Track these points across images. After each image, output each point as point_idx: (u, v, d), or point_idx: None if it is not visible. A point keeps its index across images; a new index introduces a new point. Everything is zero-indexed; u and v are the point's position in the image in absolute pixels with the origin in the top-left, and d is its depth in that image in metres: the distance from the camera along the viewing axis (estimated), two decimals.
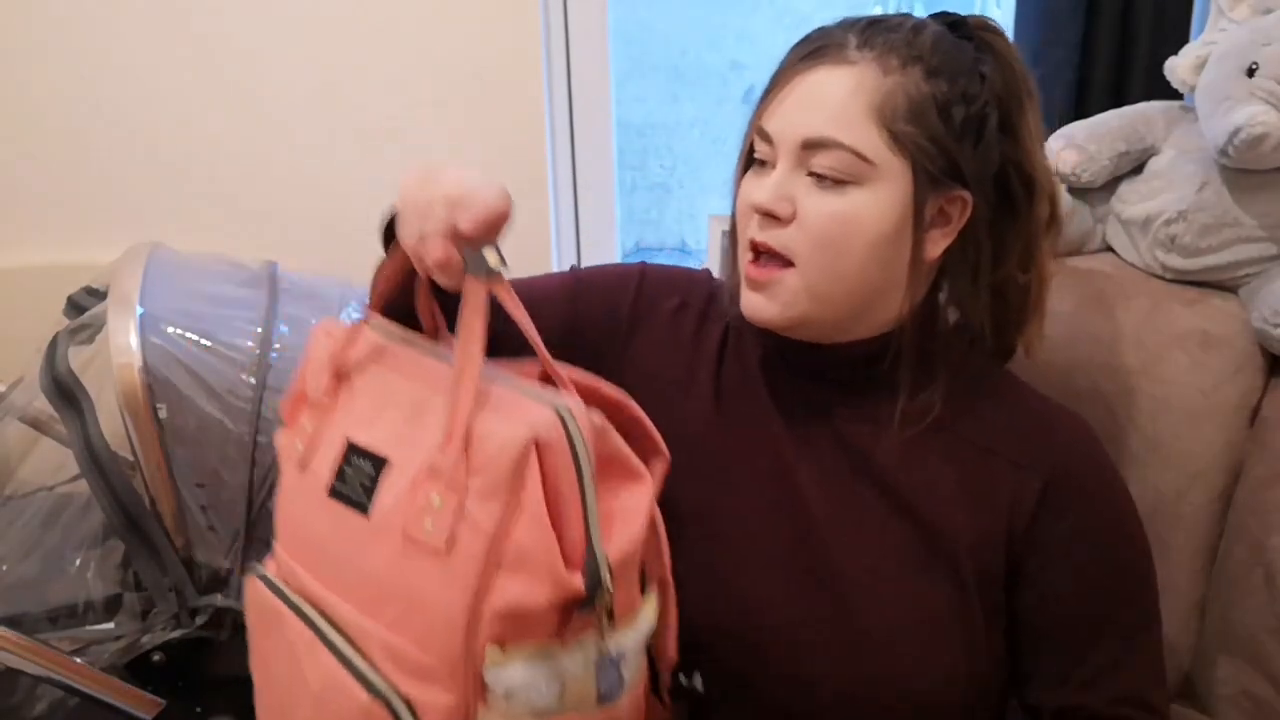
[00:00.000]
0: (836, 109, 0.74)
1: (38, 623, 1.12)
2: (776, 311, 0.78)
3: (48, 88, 1.50)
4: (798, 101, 0.76)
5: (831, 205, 0.75)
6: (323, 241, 1.56)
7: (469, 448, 0.65)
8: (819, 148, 0.74)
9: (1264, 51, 0.97)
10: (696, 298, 0.92)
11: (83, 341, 1.19)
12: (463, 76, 1.51)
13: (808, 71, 0.76)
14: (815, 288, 0.77)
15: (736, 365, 0.89)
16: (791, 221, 0.76)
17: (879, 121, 0.74)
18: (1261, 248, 1.02)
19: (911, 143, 0.74)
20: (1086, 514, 0.80)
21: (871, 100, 0.74)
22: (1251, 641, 0.96)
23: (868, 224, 0.75)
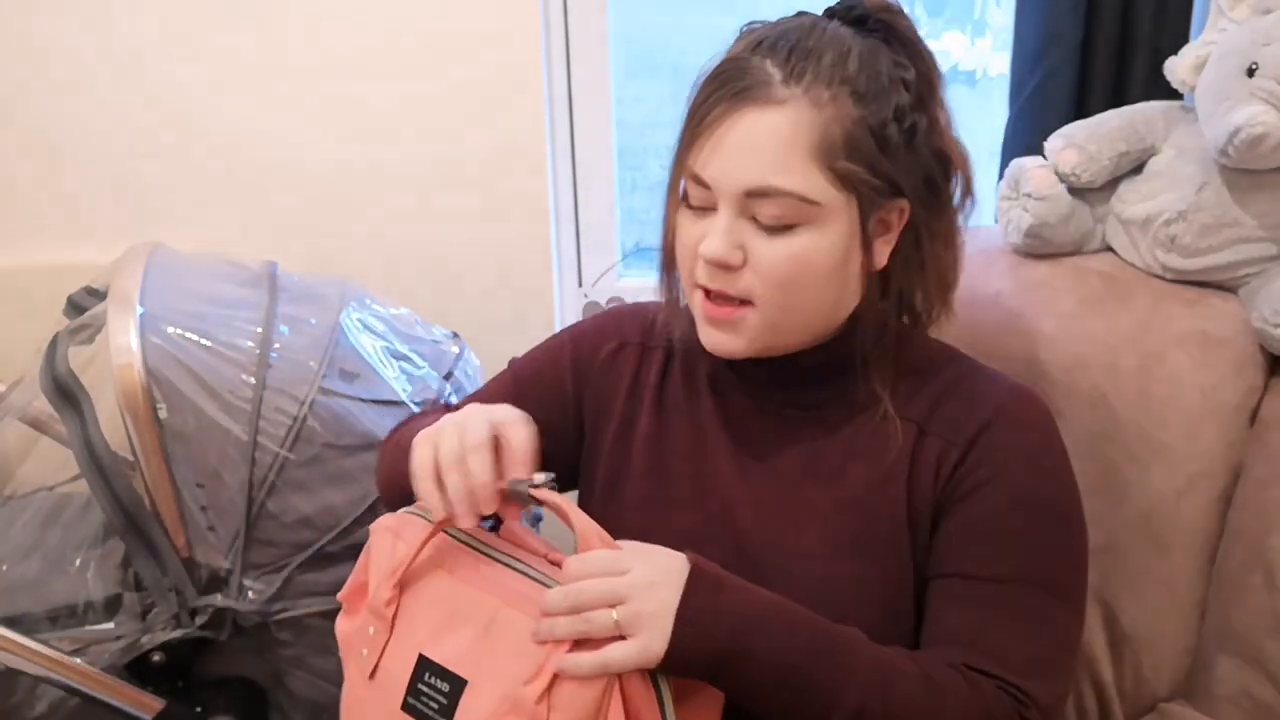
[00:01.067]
0: (776, 156, 0.73)
1: (38, 623, 1.12)
2: (742, 346, 0.80)
3: (48, 88, 1.50)
4: (733, 149, 0.74)
5: (783, 249, 0.75)
6: (323, 241, 1.56)
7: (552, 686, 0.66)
8: (763, 196, 0.74)
9: (1264, 51, 0.97)
10: (631, 333, 0.94)
11: (83, 341, 1.19)
12: (463, 77, 1.51)
13: (736, 114, 0.74)
14: (775, 322, 0.79)
15: (682, 386, 0.91)
16: (743, 267, 0.76)
17: (820, 163, 0.73)
18: (1261, 248, 1.02)
19: (853, 177, 0.74)
20: (998, 462, 0.79)
21: (810, 142, 0.73)
22: (1251, 641, 0.96)
23: (820, 260, 0.76)
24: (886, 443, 0.82)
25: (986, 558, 0.78)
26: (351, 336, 1.23)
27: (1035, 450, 0.81)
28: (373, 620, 0.78)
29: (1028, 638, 0.76)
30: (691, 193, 0.78)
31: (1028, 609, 0.77)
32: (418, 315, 1.40)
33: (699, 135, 0.76)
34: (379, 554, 0.80)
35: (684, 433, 0.90)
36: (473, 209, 1.57)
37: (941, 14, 1.67)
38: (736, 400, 0.89)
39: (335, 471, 1.14)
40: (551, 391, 0.94)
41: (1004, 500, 0.79)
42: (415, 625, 0.76)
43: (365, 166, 1.55)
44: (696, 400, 0.91)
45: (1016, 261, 1.17)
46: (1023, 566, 0.78)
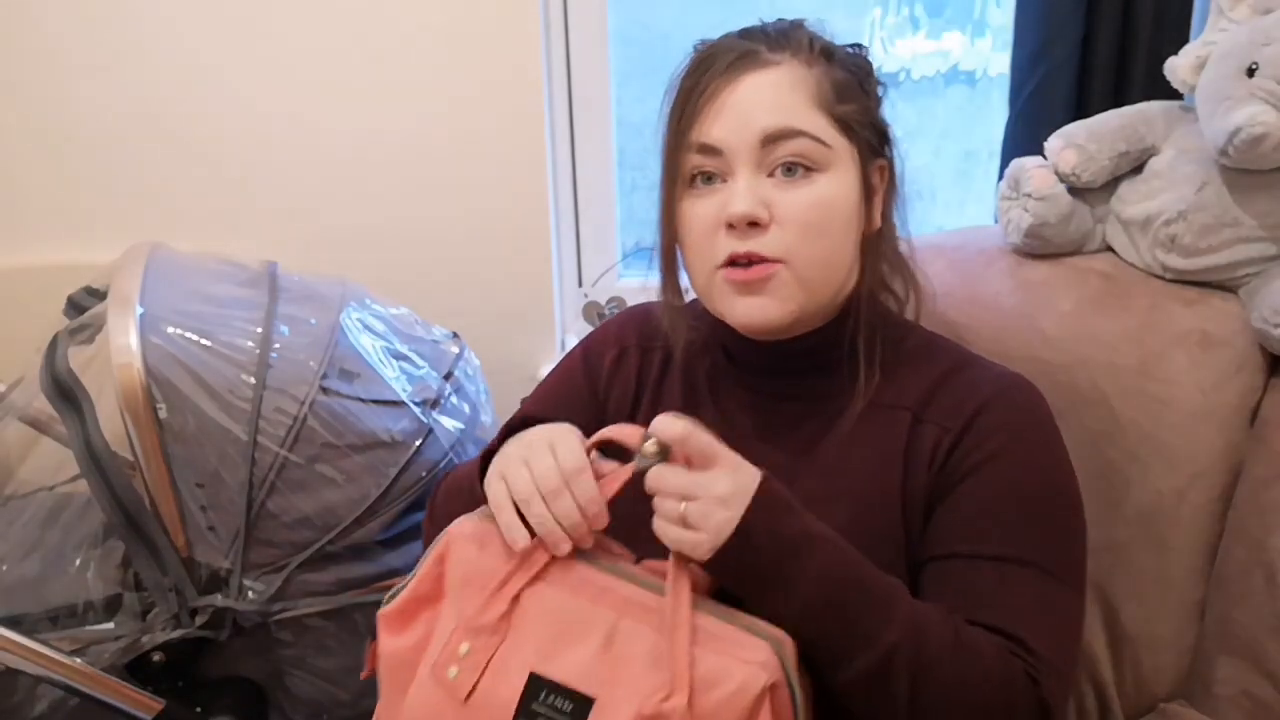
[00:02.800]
0: (785, 103, 0.78)
1: (38, 623, 1.12)
2: (776, 309, 0.80)
3: (48, 88, 1.50)
4: (741, 106, 0.78)
5: (806, 196, 0.78)
6: (323, 241, 1.56)
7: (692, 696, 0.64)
8: (780, 139, 0.77)
9: (1264, 51, 0.97)
10: (630, 338, 0.96)
11: (83, 341, 1.19)
12: (463, 77, 1.51)
13: (735, 80, 0.78)
14: (807, 278, 0.79)
15: (680, 384, 0.92)
16: (771, 225, 0.77)
17: (821, 109, 0.78)
18: (1261, 248, 1.02)
19: (853, 120, 0.80)
20: (992, 446, 0.79)
21: (809, 91, 0.78)
22: (1251, 641, 0.96)
23: (840, 205, 0.79)
24: (882, 431, 0.83)
25: (984, 538, 0.78)
26: (351, 336, 1.23)
27: (1029, 432, 0.82)
28: (468, 637, 0.72)
29: (1031, 615, 0.76)
30: (699, 164, 0.80)
31: (1027, 589, 0.77)
32: (418, 315, 1.40)
33: (699, 110, 0.79)
34: (461, 562, 0.75)
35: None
36: (473, 209, 1.57)
37: (941, 14, 1.67)
38: (735, 395, 0.89)
39: (335, 471, 1.14)
40: (574, 407, 0.94)
41: (1000, 482, 0.79)
42: (522, 642, 0.71)
43: (366, 166, 1.55)
44: (694, 396, 0.91)
45: (1016, 261, 1.17)
46: (1020, 547, 0.78)
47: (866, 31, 1.67)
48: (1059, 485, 0.82)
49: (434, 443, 1.21)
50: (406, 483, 1.18)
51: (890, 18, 1.67)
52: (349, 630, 1.20)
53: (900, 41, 1.68)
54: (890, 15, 1.66)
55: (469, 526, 0.77)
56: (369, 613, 1.20)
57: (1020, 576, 0.77)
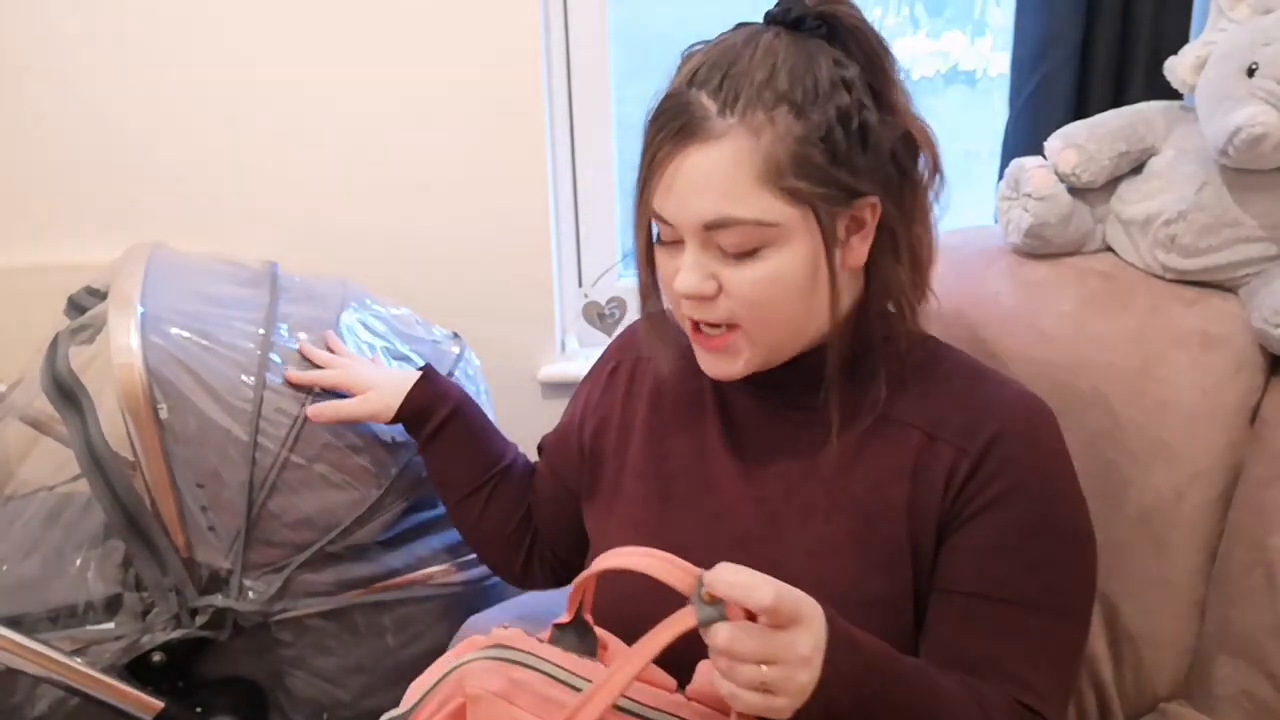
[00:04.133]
0: (724, 188, 0.74)
1: (38, 623, 1.12)
2: (739, 368, 0.82)
3: (48, 88, 1.50)
4: (684, 187, 0.75)
5: (752, 274, 0.76)
6: (323, 241, 1.56)
7: None
8: (720, 227, 0.75)
9: (1264, 51, 0.97)
10: (626, 350, 0.99)
11: (83, 341, 1.19)
12: (463, 77, 1.51)
13: (681, 153, 0.75)
14: (763, 339, 0.80)
15: (681, 391, 0.93)
16: (719, 296, 0.78)
17: (769, 186, 0.73)
18: (1261, 248, 1.02)
19: (806, 193, 0.74)
20: (1012, 480, 0.79)
21: (754, 169, 0.73)
22: (1251, 641, 0.96)
23: (790, 277, 0.77)
24: (890, 447, 0.82)
25: (1001, 579, 0.79)
26: (352, 337, 1.23)
27: (1048, 469, 0.81)
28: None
29: (1049, 667, 0.78)
30: (660, 228, 0.80)
31: (1045, 634, 0.79)
32: (418, 315, 1.40)
33: (653, 176, 0.77)
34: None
35: (683, 436, 0.90)
36: (473, 209, 1.57)
37: (941, 14, 1.67)
38: (739, 402, 0.89)
39: (336, 472, 1.14)
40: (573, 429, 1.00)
41: (1018, 522, 0.79)
42: None
43: (366, 166, 1.55)
44: (698, 402, 0.91)
45: (1016, 261, 1.17)
46: (1037, 589, 0.79)
47: None
48: (1075, 524, 0.82)
49: None
50: (407, 483, 1.18)
51: (890, 18, 1.67)
52: (349, 630, 1.20)
53: (900, 41, 1.68)
54: (890, 15, 1.66)
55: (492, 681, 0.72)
56: (369, 613, 1.21)
57: (1034, 622, 0.79)
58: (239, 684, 1.21)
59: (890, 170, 0.78)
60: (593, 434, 0.98)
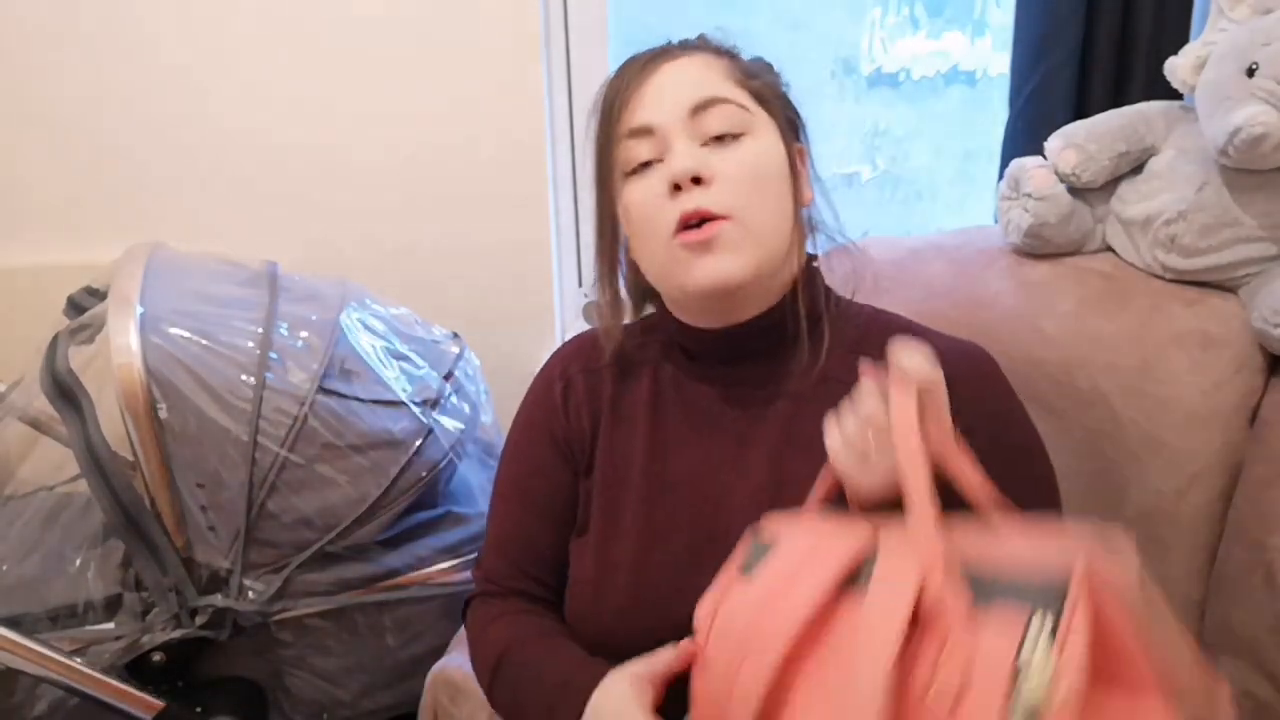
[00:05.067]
0: (704, 79, 0.84)
1: (38, 623, 1.12)
2: (735, 265, 0.81)
3: (48, 88, 1.50)
4: (664, 87, 0.83)
5: (739, 155, 0.82)
6: (323, 241, 1.56)
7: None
8: (706, 107, 0.82)
9: (1264, 51, 0.97)
10: (572, 367, 0.96)
11: (83, 341, 1.19)
12: (463, 77, 1.51)
13: (654, 70, 0.84)
14: (755, 230, 0.81)
15: (645, 391, 0.92)
16: (712, 182, 0.81)
17: (738, 82, 0.84)
18: (1261, 248, 1.02)
19: (768, 93, 0.85)
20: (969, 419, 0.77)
21: (724, 71, 0.85)
22: (1251, 641, 0.96)
23: (770, 163, 0.83)
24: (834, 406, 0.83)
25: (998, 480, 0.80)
26: (351, 336, 1.23)
27: (1001, 399, 0.85)
28: None
29: None
30: (636, 151, 0.83)
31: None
32: (417, 315, 1.40)
33: (627, 100, 0.84)
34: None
35: (660, 435, 0.90)
36: (473, 209, 1.57)
37: (941, 14, 1.67)
38: (701, 392, 0.90)
39: (335, 472, 1.14)
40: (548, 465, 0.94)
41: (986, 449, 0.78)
42: None
43: (365, 166, 1.55)
44: (659, 401, 0.91)
45: (1016, 261, 1.17)
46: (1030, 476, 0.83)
47: (866, 32, 1.67)
48: (1036, 446, 0.85)
49: (434, 443, 1.21)
50: (407, 483, 1.18)
51: (890, 18, 1.67)
52: (349, 630, 1.20)
53: (900, 41, 1.68)
54: (890, 15, 1.66)
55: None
56: (369, 613, 1.21)
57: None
58: (239, 684, 1.21)
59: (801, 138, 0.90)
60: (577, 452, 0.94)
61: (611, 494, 0.91)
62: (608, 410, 0.93)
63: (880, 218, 1.78)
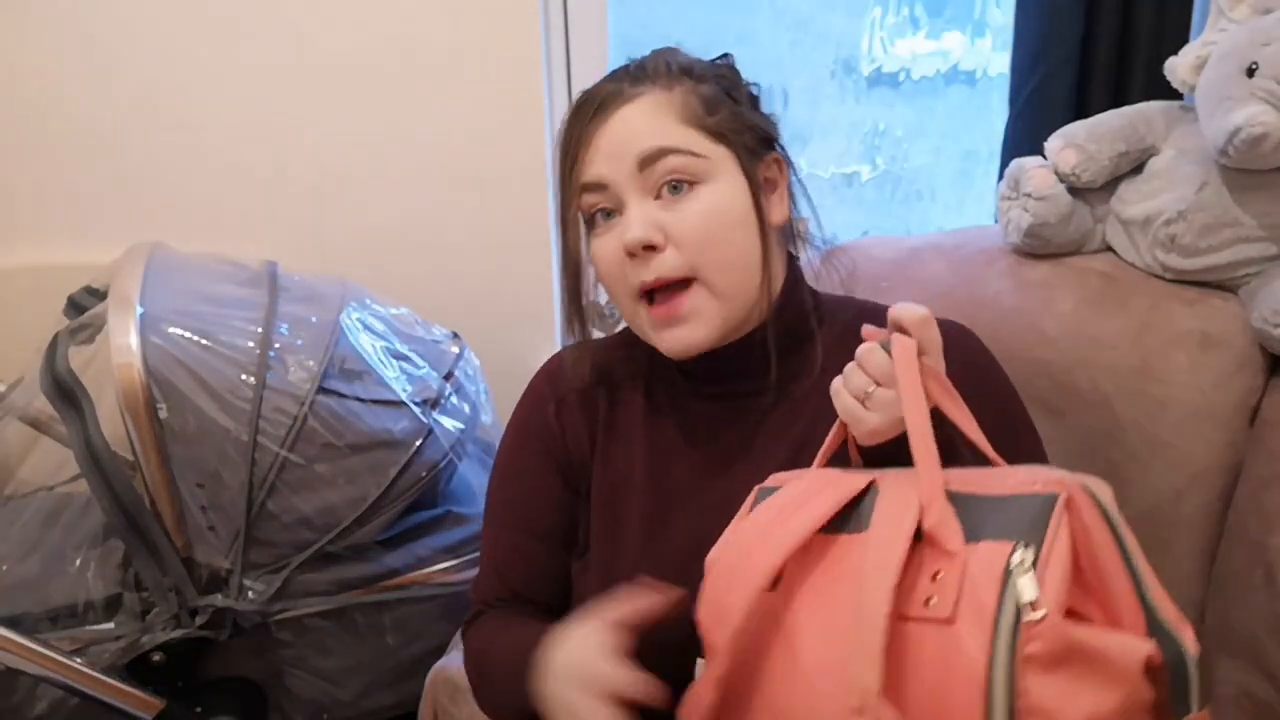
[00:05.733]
0: (652, 127, 0.80)
1: (38, 623, 1.12)
2: (703, 333, 0.81)
3: (48, 88, 1.50)
4: (614, 140, 0.80)
5: (694, 208, 0.79)
6: (323, 241, 1.56)
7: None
8: (655, 159, 0.79)
9: (1264, 51, 0.97)
10: (561, 386, 0.94)
11: (83, 341, 1.19)
12: (463, 76, 1.51)
13: (604, 120, 0.81)
14: (720, 289, 0.80)
15: (640, 412, 0.91)
16: (667, 246, 0.79)
17: (690, 124, 0.80)
18: (1261, 248, 1.02)
19: (725, 128, 0.81)
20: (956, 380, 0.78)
21: (674, 112, 0.81)
22: (1251, 641, 0.96)
23: (730, 209, 0.81)
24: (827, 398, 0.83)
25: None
26: (352, 336, 1.23)
27: (986, 370, 0.86)
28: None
29: None
30: (594, 202, 0.82)
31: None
32: (418, 315, 1.40)
33: (581, 152, 0.81)
34: None
35: (658, 448, 0.89)
36: (473, 209, 1.57)
37: (941, 14, 1.67)
38: (697, 405, 0.89)
39: (335, 472, 1.15)
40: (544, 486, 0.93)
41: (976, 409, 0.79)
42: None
43: (365, 167, 1.55)
44: (657, 416, 0.90)
45: (1016, 261, 1.17)
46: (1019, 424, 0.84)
47: (866, 31, 1.67)
48: (1025, 414, 0.86)
49: (434, 443, 1.21)
50: (407, 483, 1.18)
51: (890, 18, 1.67)
52: (349, 630, 1.20)
53: (900, 41, 1.68)
54: (890, 15, 1.66)
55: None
56: (369, 613, 1.21)
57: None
58: (239, 684, 1.21)
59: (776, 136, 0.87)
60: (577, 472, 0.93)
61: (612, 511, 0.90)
62: (603, 428, 0.92)
63: (880, 218, 1.78)
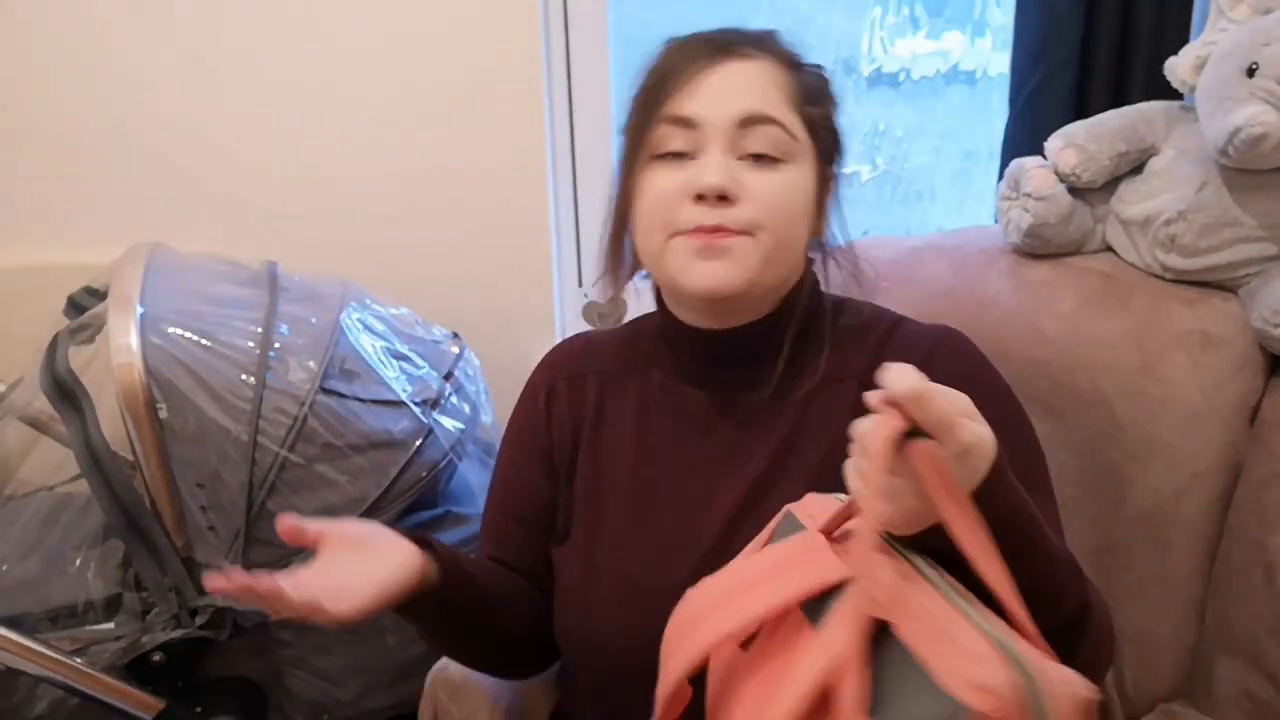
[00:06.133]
0: (764, 92, 0.81)
1: (38, 623, 1.12)
2: (736, 274, 0.81)
3: (48, 88, 1.50)
4: (723, 86, 0.80)
5: (775, 180, 0.80)
6: (323, 241, 1.56)
7: None
8: (756, 124, 0.80)
9: (1264, 51, 0.97)
10: (556, 375, 0.96)
11: (83, 341, 1.19)
12: (463, 77, 1.51)
13: (719, 63, 0.81)
14: (769, 252, 0.81)
15: (632, 397, 0.92)
16: (738, 200, 0.79)
17: (793, 106, 0.82)
18: (1261, 248, 1.02)
19: (818, 123, 0.83)
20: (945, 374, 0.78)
21: (784, 88, 0.82)
22: (1251, 641, 0.96)
23: (800, 195, 0.82)
24: (831, 405, 0.84)
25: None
26: (352, 336, 1.23)
27: (982, 372, 0.85)
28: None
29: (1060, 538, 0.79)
30: (671, 140, 0.81)
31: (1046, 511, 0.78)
32: (418, 315, 1.40)
33: (679, 86, 0.81)
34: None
35: (649, 441, 0.90)
36: (473, 209, 1.57)
37: (941, 14, 1.67)
38: (686, 393, 0.90)
39: (335, 471, 1.14)
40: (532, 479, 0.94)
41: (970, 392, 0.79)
42: None
43: (365, 167, 1.55)
44: (645, 404, 0.91)
45: (1016, 261, 1.17)
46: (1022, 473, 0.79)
47: (866, 31, 1.67)
48: (1018, 412, 0.85)
49: (434, 443, 1.21)
50: (407, 483, 1.18)
51: (890, 18, 1.67)
52: (349, 630, 1.20)
53: (900, 41, 1.68)
54: (890, 15, 1.66)
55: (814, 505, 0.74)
56: None
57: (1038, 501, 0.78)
58: (239, 684, 1.21)
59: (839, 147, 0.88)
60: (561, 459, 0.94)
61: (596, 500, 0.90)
62: (591, 417, 0.92)
63: (880, 218, 1.78)
